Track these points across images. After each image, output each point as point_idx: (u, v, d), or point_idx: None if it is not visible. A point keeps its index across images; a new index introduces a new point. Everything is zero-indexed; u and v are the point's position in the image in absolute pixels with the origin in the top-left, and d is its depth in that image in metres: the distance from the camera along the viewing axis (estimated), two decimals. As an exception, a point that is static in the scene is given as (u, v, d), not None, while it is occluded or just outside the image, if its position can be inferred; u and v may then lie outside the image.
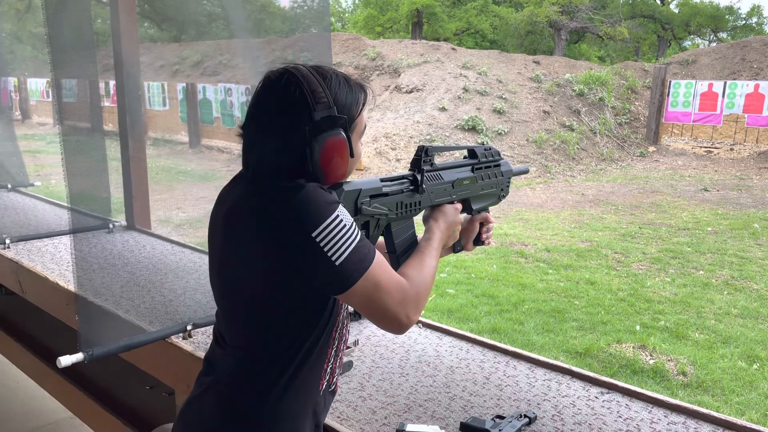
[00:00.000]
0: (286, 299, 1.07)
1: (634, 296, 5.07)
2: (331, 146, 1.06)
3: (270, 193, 1.04)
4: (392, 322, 1.08)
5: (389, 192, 1.22)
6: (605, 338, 4.24)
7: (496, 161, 1.48)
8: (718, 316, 4.66)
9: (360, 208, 1.16)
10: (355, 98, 1.12)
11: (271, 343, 1.10)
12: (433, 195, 1.30)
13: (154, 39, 15.16)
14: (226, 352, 1.15)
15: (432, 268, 1.19)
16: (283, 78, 1.07)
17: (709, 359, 3.92)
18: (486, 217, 1.45)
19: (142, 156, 3.04)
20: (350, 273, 1.02)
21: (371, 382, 1.58)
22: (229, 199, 1.12)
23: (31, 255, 2.53)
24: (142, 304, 2.04)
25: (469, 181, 1.39)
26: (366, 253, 1.04)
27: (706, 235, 7.05)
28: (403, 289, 1.08)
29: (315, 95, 1.05)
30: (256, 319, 1.10)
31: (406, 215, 1.26)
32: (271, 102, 1.09)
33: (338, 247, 1.00)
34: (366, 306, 1.07)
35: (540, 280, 5.51)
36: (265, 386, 1.10)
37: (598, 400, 1.51)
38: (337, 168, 1.08)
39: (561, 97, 13.04)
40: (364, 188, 1.17)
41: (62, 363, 1.52)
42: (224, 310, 1.17)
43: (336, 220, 1.01)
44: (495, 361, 1.72)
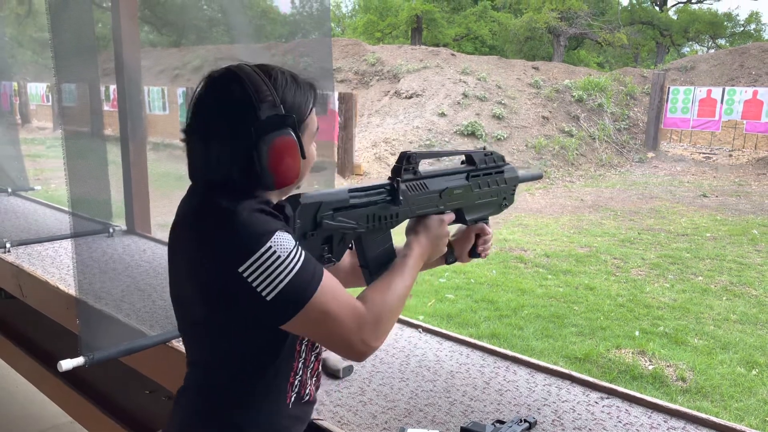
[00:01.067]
0: (228, 322, 1.02)
1: (633, 302, 5.07)
2: (280, 147, 0.99)
3: (206, 216, 0.99)
4: (347, 350, 1.03)
5: (358, 204, 1.12)
6: (604, 344, 4.24)
7: (499, 167, 1.36)
8: (717, 321, 4.66)
9: (320, 222, 1.06)
10: (303, 97, 1.05)
11: (224, 361, 1.07)
12: (414, 206, 1.20)
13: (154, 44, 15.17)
14: (189, 368, 1.14)
15: (401, 288, 1.11)
16: (225, 78, 1.01)
17: (708, 365, 3.92)
18: (483, 228, 1.35)
19: (142, 160, 3.04)
20: (284, 308, 0.96)
21: (371, 387, 1.59)
22: (179, 215, 1.07)
23: (31, 259, 2.53)
24: (142, 308, 2.04)
25: (462, 190, 1.28)
26: (308, 283, 0.96)
27: (705, 240, 7.06)
28: (358, 315, 1.01)
29: (259, 94, 0.99)
30: (204, 338, 1.08)
31: (380, 228, 1.16)
32: (213, 103, 1.01)
33: (269, 282, 0.94)
34: (315, 335, 1.03)
35: (539, 285, 5.51)
36: (225, 400, 1.07)
37: (598, 405, 1.51)
38: (289, 170, 1.01)
39: (560, 102, 13.08)
40: (325, 201, 1.07)
41: (63, 367, 1.53)
42: (179, 326, 1.14)
43: (267, 253, 0.93)
44: (495, 366, 1.72)
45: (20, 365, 2.75)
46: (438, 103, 12.62)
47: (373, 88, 14.44)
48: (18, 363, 2.77)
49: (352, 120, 10.52)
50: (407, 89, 13.43)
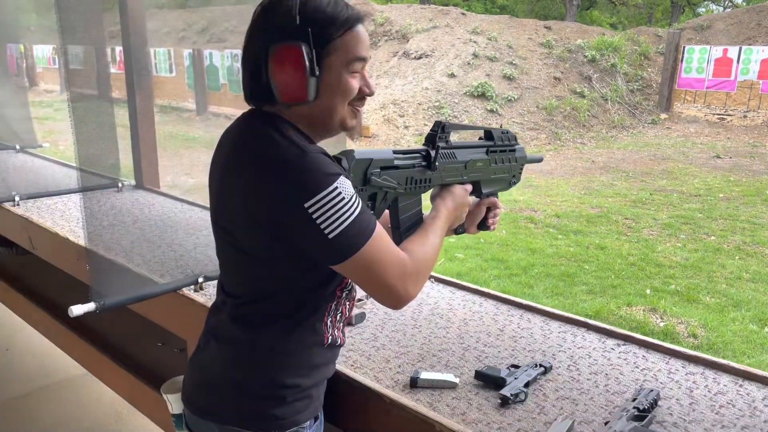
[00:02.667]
0: (280, 257, 1.04)
1: (645, 261, 5.04)
2: (281, 55, 0.98)
3: (269, 150, 0.99)
4: (390, 296, 1.05)
5: (400, 165, 1.16)
6: (615, 301, 4.22)
7: (512, 146, 1.42)
8: (730, 280, 4.63)
9: (369, 179, 1.11)
10: (335, 13, 1.01)
11: (268, 293, 1.09)
12: (444, 174, 1.25)
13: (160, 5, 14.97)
14: (225, 299, 1.15)
15: (435, 245, 1.16)
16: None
17: (720, 322, 3.90)
18: (494, 201, 1.40)
19: (150, 119, 3.02)
20: (343, 247, 0.98)
21: (384, 333, 1.57)
22: (229, 143, 1.08)
23: (41, 212, 2.52)
24: (153, 258, 2.03)
25: (482, 163, 1.34)
26: (364, 228, 0.99)
27: (718, 201, 6.98)
28: (402, 264, 1.05)
29: (280, 2, 0.99)
30: (252, 269, 1.09)
31: (415, 191, 1.21)
32: (251, 25, 1.05)
33: (332, 220, 0.96)
34: (362, 279, 1.04)
35: (549, 245, 5.49)
36: (264, 332, 1.10)
37: (615, 351, 1.49)
38: (291, 83, 0.99)
39: (572, 63, 12.85)
40: (375, 158, 1.11)
41: (74, 312, 1.51)
42: (222, 257, 1.15)
43: (333, 192, 0.95)
44: (509, 314, 1.70)
45: (33, 318, 2.77)
46: (448, 63, 12.42)
47: (382, 48, 14.22)
48: (31, 316, 2.78)
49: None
50: (416, 50, 13.22)
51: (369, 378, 1.34)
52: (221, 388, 1.15)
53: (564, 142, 10.90)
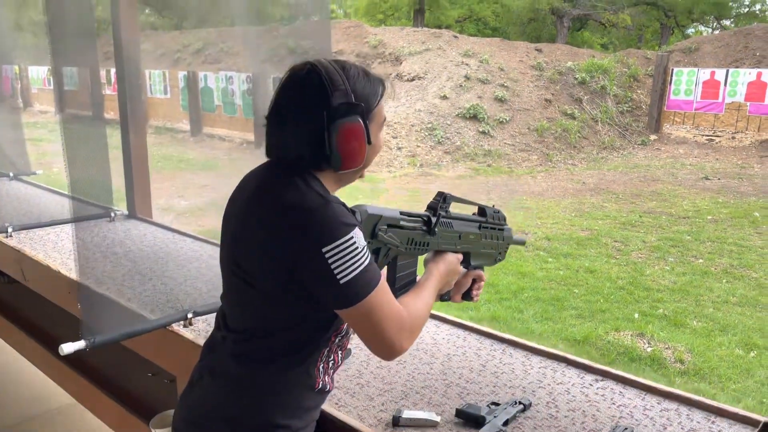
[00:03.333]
0: (289, 296, 1.10)
1: (633, 284, 5.09)
2: (348, 131, 1.09)
3: (295, 197, 1.07)
4: (386, 348, 1.11)
5: (405, 226, 1.25)
6: (604, 326, 4.27)
7: (501, 225, 1.51)
8: (717, 304, 4.69)
9: (376, 234, 1.19)
10: (373, 89, 1.16)
11: (271, 330, 1.14)
12: (441, 240, 1.34)
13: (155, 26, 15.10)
14: (226, 335, 1.19)
15: (429, 304, 1.23)
16: (305, 69, 1.12)
17: (707, 347, 3.95)
18: (480, 274, 1.48)
19: (143, 144, 3.05)
20: (353, 294, 1.05)
21: (369, 370, 1.61)
22: (252, 186, 1.16)
23: (33, 243, 2.55)
24: (143, 292, 2.06)
25: (474, 236, 1.42)
26: (372, 278, 1.07)
27: (706, 223, 7.07)
28: (401, 317, 1.11)
29: (333, 83, 1.09)
30: (258, 305, 1.14)
31: (414, 252, 1.29)
32: (293, 90, 1.13)
33: (346, 266, 1.04)
34: (364, 327, 1.10)
35: (540, 268, 5.54)
36: (261, 370, 1.14)
37: (592, 387, 1.53)
38: (355, 154, 1.11)
39: (563, 85, 13.01)
40: (384, 215, 1.20)
41: (64, 350, 1.55)
42: (229, 293, 1.20)
43: (349, 241, 1.04)
44: (492, 349, 1.74)
45: (25, 349, 2.78)
46: (440, 85, 12.56)
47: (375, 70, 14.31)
48: (23, 347, 2.80)
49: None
50: (409, 72, 13.36)
51: (353, 417, 1.37)
52: (213, 425, 1.17)
53: (555, 163, 11.00)
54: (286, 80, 1.14)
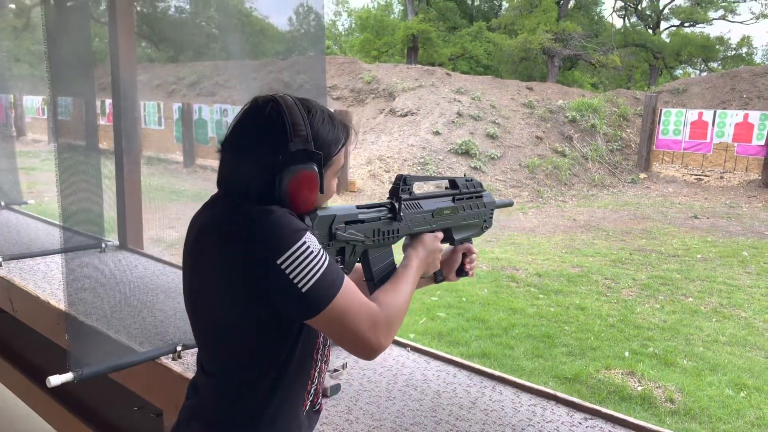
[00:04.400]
0: (256, 324, 1.07)
1: (624, 322, 5.09)
2: (302, 179, 1.07)
3: (237, 216, 1.05)
4: (362, 347, 1.08)
5: (365, 219, 1.22)
6: (594, 364, 4.25)
7: (478, 192, 1.48)
8: (707, 343, 4.69)
9: (334, 234, 1.16)
10: (335, 137, 1.13)
11: (247, 368, 1.11)
12: (411, 223, 1.31)
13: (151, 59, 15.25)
14: (207, 379, 1.16)
15: (406, 294, 1.20)
16: (268, 105, 1.09)
17: (697, 386, 3.93)
18: (469, 247, 1.45)
19: (136, 176, 3.06)
20: (317, 300, 1.02)
21: (358, 406, 1.60)
22: (200, 222, 1.13)
23: (23, 273, 2.54)
24: (132, 324, 2.05)
25: (449, 210, 1.39)
26: (334, 280, 1.04)
27: (696, 262, 7.11)
28: (373, 315, 1.08)
29: (295, 127, 1.06)
30: (229, 344, 1.11)
31: (384, 243, 1.26)
32: (252, 126, 1.10)
33: (304, 274, 1.00)
34: (335, 331, 1.07)
35: (530, 304, 5.53)
36: (246, 410, 1.11)
37: (582, 426, 1.53)
38: (305, 200, 1.08)
39: (553, 123, 13.19)
40: (338, 214, 1.17)
41: (52, 383, 1.53)
42: (198, 336, 1.17)
43: (302, 247, 1.01)
44: (481, 386, 1.74)
45: (9, 380, 2.74)
46: (433, 121, 12.70)
47: (369, 105, 14.54)
48: (7, 378, 2.76)
49: (346, 137, 10.56)
50: (402, 107, 13.52)
51: (341, 454, 1.36)
52: None
53: (546, 199, 11.08)
54: (247, 112, 1.11)
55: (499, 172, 11.69)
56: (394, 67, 16.34)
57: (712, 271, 6.72)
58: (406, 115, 13.27)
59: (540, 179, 11.66)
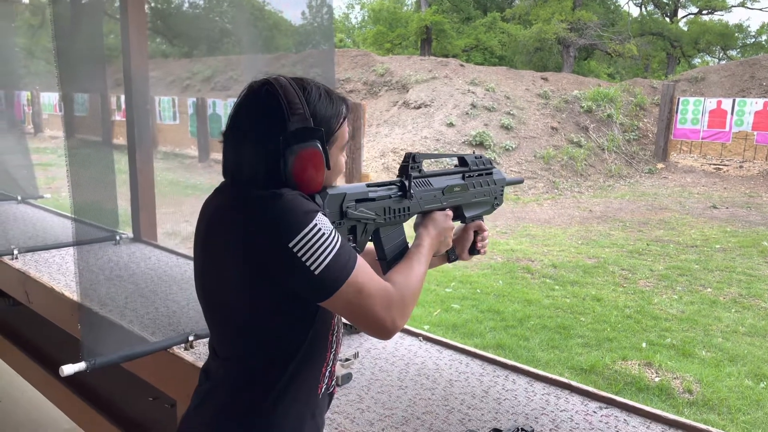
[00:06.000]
0: (270, 307, 1.07)
1: (641, 313, 5.04)
2: (305, 157, 1.06)
3: (248, 201, 1.04)
4: (378, 328, 1.08)
5: (375, 197, 1.22)
6: (611, 355, 4.21)
7: (488, 170, 1.47)
8: (726, 334, 4.62)
9: (345, 212, 1.15)
10: (335, 111, 1.12)
11: (261, 351, 1.10)
12: (422, 201, 1.30)
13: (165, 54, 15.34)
14: (219, 363, 1.16)
15: (420, 273, 1.19)
16: (263, 88, 1.09)
17: (716, 377, 3.88)
18: (480, 225, 1.44)
19: (149, 169, 3.07)
20: (331, 281, 1.02)
21: (370, 395, 1.59)
22: (210, 208, 1.13)
23: (38, 266, 2.56)
24: (145, 314, 2.06)
25: (459, 188, 1.38)
26: (347, 260, 1.04)
27: (715, 252, 7.01)
28: (388, 294, 1.08)
29: (291, 106, 1.06)
30: (243, 328, 1.11)
31: (395, 221, 1.25)
32: (250, 111, 1.10)
33: (317, 256, 1.00)
34: (350, 312, 1.06)
35: (546, 296, 5.49)
36: (260, 393, 1.11)
37: (596, 414, 1.51)
38: (312, 179, 1.07)
39: (569, 113, 13.06)
40: (349, 192, 1.17)
41: (65, 372, 1.54)
42: (211, 322, 1.17)
43: (314, 230, 1.00)
44: (494, 375, 1.72)
45: (26, 371, 2.77)
46: (446, 113, 12.64)
47: (382, 98, 14.50)
48: (23, 369, 2.79)
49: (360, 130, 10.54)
50: (416, 99, 13.47)
51: (352, 442, 1.36)
52: None
53: (561, 191, 10.99)
54: (244, 98, 1.11)
55: (514, 163, 11.61)
56: (408, 59, 16.27)
57: (731, 261, 6.62)
58: (419, 107, 13.21)
59: (555, 170, 11.56)
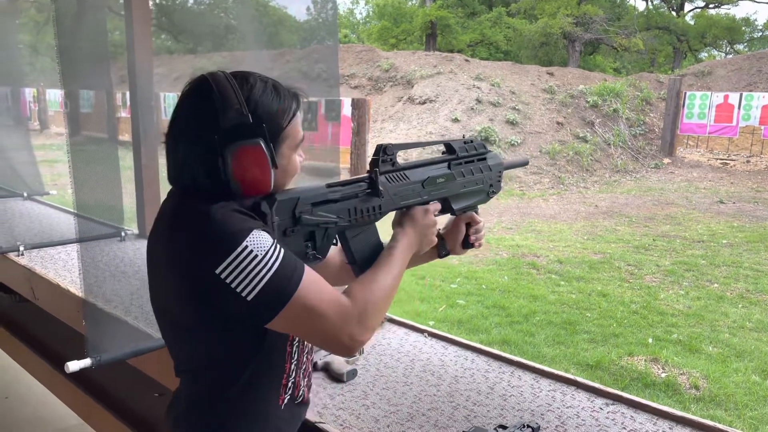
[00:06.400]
0: (212, 326, 1.01)
1: (647, 309, 5.02)
2: (244, 155, 0.98)
3: (179, 217, 0.99)
4: (333, 345, 1.01)
5: (339, 198, 1.10)
6: (617, 351, 4.20)
7: (480, 155, 1.35)
8: (733, 329, 4.60)
9: (299, 218, 1.05)
10: (283, 106, 1.03)
11: (211, 365, 1.06)
12: (396, 197, 1.18)
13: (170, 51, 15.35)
14: (178, 378, 1.13)
15: (388, 281, 1.09)
16: (196, 84, 1.02)
17: (723, 373, 3.86)
18: (472, 216, 1.33)
19: (154, 165, 3.07)
20: (267, 305, 0.95)
21: (375, 391, 1.59)
22: (157, 218, 1.07)
23: (44, 262, 2.57)
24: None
25: (444, 179, 1.26)
26: (288, 280, 0.95)
27: (721, 247, 6.98)
28: (342, 310, 0.99)
29: (226, 101, 0.98)
30: (190, 345, 1.07)
31: (365, 222, 1.14)
32: (184, 109, 1.02)
33: (248, 281, 0.93)
34: (300, 332, 1.01)
35: (552, 291, 5.48)
36: (213, 407, 1.07)
37: (603, 411, 1.50)
38: (255, 180, 0.99)
39: (575, 108, 13.01)
40: (302, 196, 1.06)
41: (70, 368, 1.54)
42: (162, 332, 1.13)
43: (243, 252, 0.92)
44: (500, 371, 1.71)
45: (32, 367, 2.78)
46: (451, 108, 12.61)
47: (387, 94, 14.48)
48: (30, 365, 2.80)
49: (365, 125, 10.54)
50: (421, 95, 13.44)
51: (357, 438, 1.35)
52: None
53: (567, 186, 10.96)
54: (181, 96, 1.03)
55: (520, 158, 11.58)
56: (413, 55, 16.24)
57: (738, 256, 6.59)
58: (424, 103, 13.19)
59: (561, 165, 11.52)
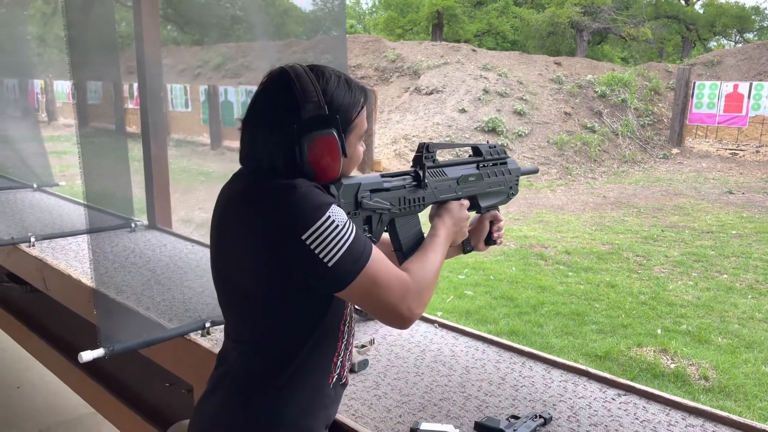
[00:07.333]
0: (285, 295, 1.08)
1: (656, 299, 5.00)
2: (320, 145, 1.06)
3: (262, 192, 1.05)
4: (394, 317, 1.08)
5: (390, 187, 1.21)
6: (625, 342, 4.19)
7: (502, 159, 1.46)
8: (742, 320, 4.58)
9: (360, 202, 1.15)
10: (353, 99, 1.12)
11: (273, 337, 1.12)
12: (437, 191, 1.29)
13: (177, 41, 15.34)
14: (233, 347, 1.18)
15: (435, 263, 1.19)
16: (278, 77, 1.09)
17: (732, 364, 3.86)
18: (495, 215, 1.44)
19: (163, 156, 3.07)
20: (344, 273, 1.02)
21: (386, 381, 1.59)
22: (227, 195, 1.14)
23: (55, 253, 2.58)
24: (162, 301, 2.07)
25: (474, 178, 1.38)
26: (362, 251, 1.04)
27: (731, 238, 6.94)
28: (403, 284, 1.08)
29: (306, 94, 1.06)
30: (256, 313, 1.12)
31: (410, 211, 1.25)
32: (265, 99, 1.10)
33: (330, 248, 1.00)
34: (366, 302, 1.07)
35: (560, 282, 5.47)
36: (269, 378, 1.12)
37: (615, 401, 1.50)
38: (328, 167, 1.07)
39: (582, 98, 12.94)
40: (363, 182, 1.17)
41: (83, 358, 1.55)
42: (225, 306, 1.18)
43: (327, 222, 1.01)
44: (511, 362, 1.71)
45: (44, 357, 2.80)
46: (458, 99, 12.56)
47: (394, 84, 14.43)
48: (42, 355, 2.82)
49: (371, 116, 10.52)
50: (427, 85, 13.39)
51: (369, 428, 1.36)
52: None
53: (575, 177, 10.92)
54: (261, 86, 1.12)
55: (527, 149, 11.54)
56: (419, 45, 16.17)
57: (748, 247, 6.56)
58: (431, 93, 13.14)
59: (569, 156, 11.48)
